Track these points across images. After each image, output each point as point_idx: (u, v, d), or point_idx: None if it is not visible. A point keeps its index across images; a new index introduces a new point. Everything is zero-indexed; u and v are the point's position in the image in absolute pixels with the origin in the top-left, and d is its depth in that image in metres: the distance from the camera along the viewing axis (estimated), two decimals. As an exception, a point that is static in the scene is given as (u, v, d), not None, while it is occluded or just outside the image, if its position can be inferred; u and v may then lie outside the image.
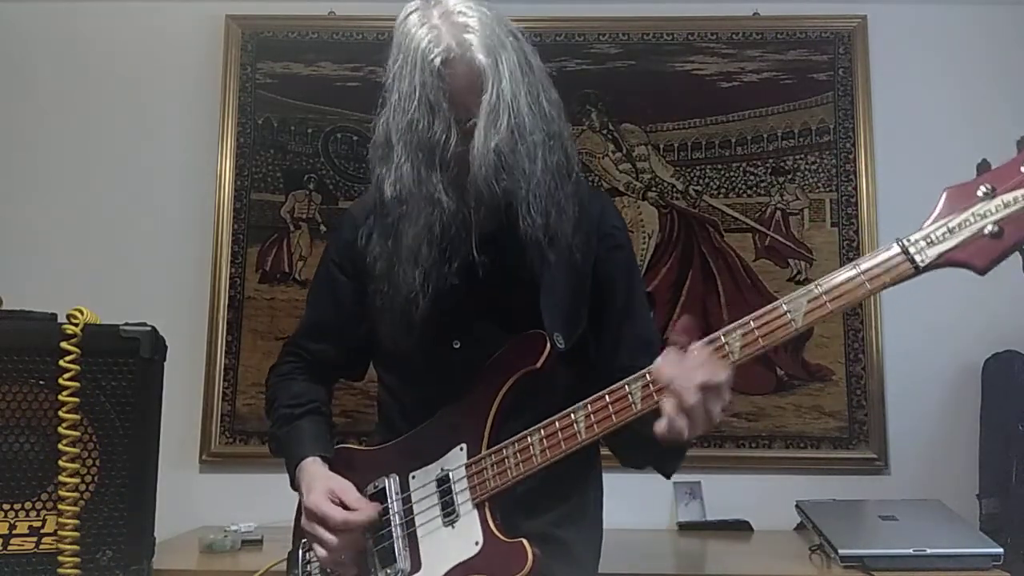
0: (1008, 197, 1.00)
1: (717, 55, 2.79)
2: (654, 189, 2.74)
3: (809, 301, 1.08)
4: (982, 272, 1.01)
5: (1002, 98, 2.73)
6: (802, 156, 2.74)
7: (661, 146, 2.76)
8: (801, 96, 2.76)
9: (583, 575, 1.38)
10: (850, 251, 2.66)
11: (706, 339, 1.13)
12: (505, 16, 1.30)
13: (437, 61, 1.20)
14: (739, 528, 2.48)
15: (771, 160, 2.74)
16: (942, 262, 1.02)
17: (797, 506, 2.36)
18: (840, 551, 2.03)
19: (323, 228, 2.73)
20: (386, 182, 1.28)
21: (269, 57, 2.83)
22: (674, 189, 2.74)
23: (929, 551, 2.00)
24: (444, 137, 1.22)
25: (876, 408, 2.61)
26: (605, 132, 2.77)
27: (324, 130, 2.78)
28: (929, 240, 1.03)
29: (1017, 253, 1.01)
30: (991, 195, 1.01)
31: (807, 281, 2.61)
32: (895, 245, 1.05)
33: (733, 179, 2.74)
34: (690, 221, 2.73)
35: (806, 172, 2.73)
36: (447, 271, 1.27)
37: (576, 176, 1.33)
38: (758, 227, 2.71)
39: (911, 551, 2.01)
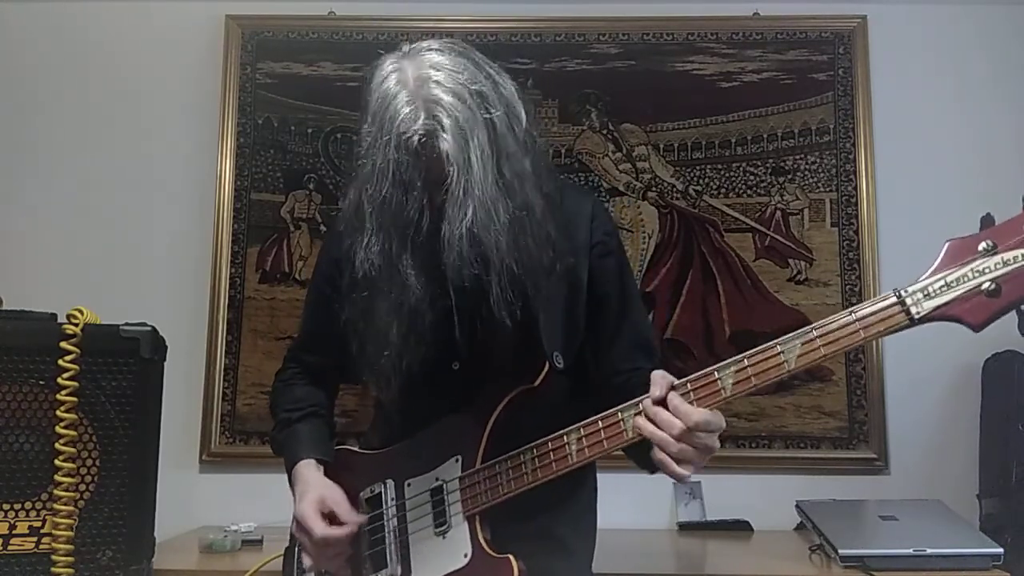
0: (1008, 255, 1.00)
1: (717, 55, 2.79)
2: (654, 189, 2.74)
3: (803, 344, 1.09)
4: (976, 329, 1.02)
5: (1002, 98, 2.73)
6: (802, 156, 2.74)
7: (661, 146, 2.76)
8: (801, 96, 2.76)
9: (576, 571, 1.39)
10: (850, 251, 2.66)
11: (700, 373, 1.14)
12: (481, 71, 1.26)
13: (414, 141, 1.19)
14: (739, 528, 2.48)
15: (771, 160, 2.74)
16: (937, 315, 1.04)
17: (797, 506, 2.36)
18: (840, 551, 2.03)
19: (323, 228, 2.73)
20: (357, 257, 1.26)
21: (269, 57, 2.83)
22: (674, 189, 2.74)
23: (929, 551, 2.00)
24: (417, 216, 1.22)
25: (876, 408, 2.61)
26: (605, 132, 2.77)
27: (324, 130, 2.78)
28: (926, 292, 1.04)
29: (1014, 312, 1.02)
30: (991, 252, 1.01)
31: (807, 281, 2.65)
32: (892, 295, 1.06)
33: (733, 179, 2.74)
34: (690, 221, 2.72)
35: (806, 172, 2.73)
36: (422, 350, 1.25)
37: (558, 196, 1.31)
38: (758, 227, 2.71)
39: (911, 551, 2.01)
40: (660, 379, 1.14)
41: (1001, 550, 2.01)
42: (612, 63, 2.80)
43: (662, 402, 1.13)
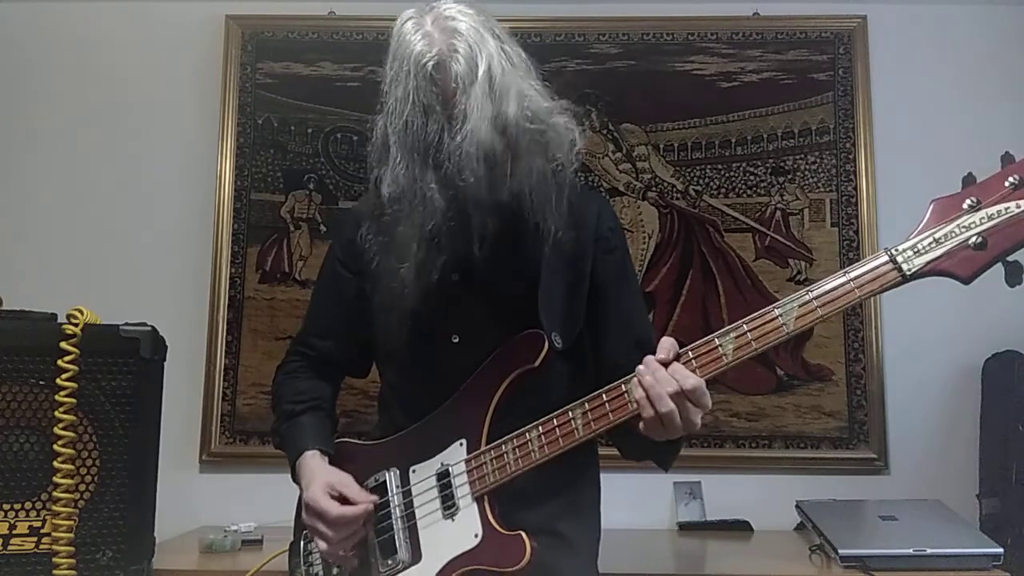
0: (992, 210, 1.05)
1: (717, 55, 2.79)
2: (654, 189, 2.74)
3: (800, 306, 1.13)
4: (966, 281, 1.05)
5: (1002, 98, 2.73)
6: (802, 156, 2.74)
7: (661, 146, 2.76)
8: (801, 96, 2.76)
9: (581, 567, 1.39)
10: (850, 251, 2.67)
11: (701, 341, 1.17)
12: (494, 21, 1.34)
13: (429, 66, 1.26)
14: (739, 528, 2.48)
15: (771, 160, 2.74)
16: (928, 271, 1.07)
17: (797, 506, 2.36)
18: (840, 551, 2.03)
19: (323, 228, 2.73)
20: (384, 183, 1.31)
21: (269, 57, 2.83)
22: (674, 189, 2.74)
23: (929, 551, 2.00)
24: (437, 138, 1.26)
25: (876, 408, 2.61)
26: (605, 132, 2.77)
27: (324, 130, 2.78)
28: (916, 250, 1.07)
29: (1000, 264, 1.05)
30: (976, 208, 1.05)
31: (807, 281, 2.64)
32: (883, 254, 1.09)
33: (733, 179, 2.74)
34: (690, 221, 2.73)
35: (806, 172, 2.73)
36: (439, 266, 1.29)
37: (566, 176, 1.34)
38: (758, 227, 2.71)
39: (911, 551, 2.01)
40: (668, 345, 1.18)
41: (1001, 550, 2.01)
42: (612, 63, 2.80)
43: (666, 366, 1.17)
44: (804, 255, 2.69)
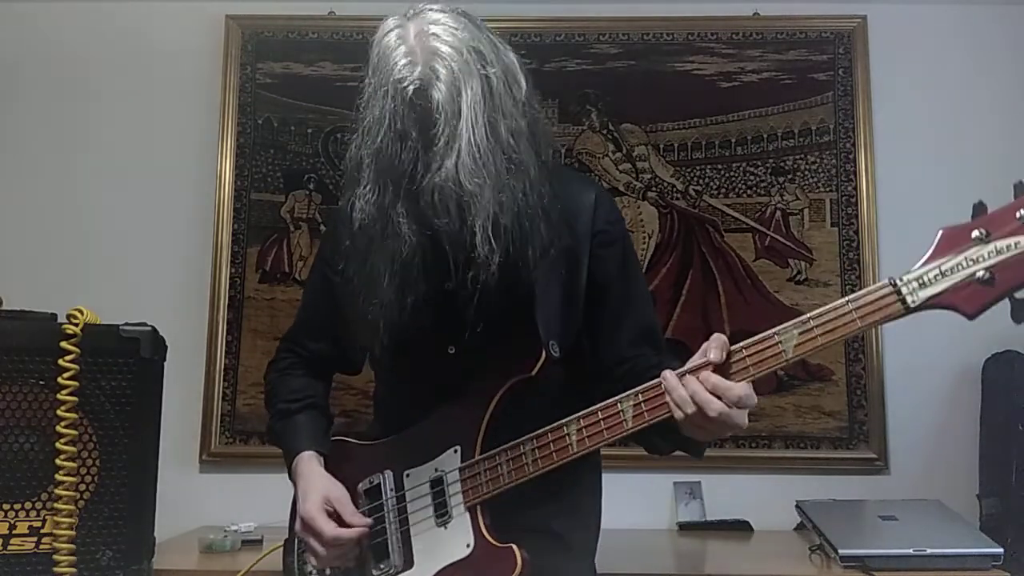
0: (1002, 244, 1.01)
1: (717, 55, 2.79)
2: (654, 189, 2.74)
3: (800, 333, 1.11)
4: (970, 317, 1.03)
5: (1002, 98, 2.73)
6: (802, 156, 2.74)
7: (661, 146, 2.76)
8: (801, 96, 2.76)
9: (576, 566, 1.39)
10: (850, 251, 2.67)
11: (693, 365, 1.15)
12: (480, 33, 1.27)
13: (410, 90, 1.20)
14: (739, 528, 2.48)
15: (771, 160, 2.74)
16: (932, 304, 1.04)
17: (797, 506, 2.36)
18: (840, 551, 2.03)
19: (323, 228, 2.73)
20: (354, 208, 1.28)
21: (269, 57, 2.83)
22: (674, 189, 2.74)
23: (929, 551, 2.00)
24: (411, 167, 1.22)
25: (876, 408, 2.61)
26: (605, 132, 2.77)
27: (324, 130, 2.78)
28: (921, 282, 1.04)
29: (1007, 299, 1.02)
30: (985, 240, 1.01)
31: (807, 281, 2.65)
32: (887, 284, 1.06)
33: (733, 179, 2.74)
34: (690, 221, 2.73)
35: (806, 172, 2.73)
36: (411, 300, 1.27)
37: (546, 194, 1.30)
38: (758, 227, 2.71)
39: (911, 551, 2.01)
40: (718, 345, 1.14)
41: (1001, 550, 2.01)
42: (612, 63, 2.80)
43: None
44: (804, 255, 2.69)
